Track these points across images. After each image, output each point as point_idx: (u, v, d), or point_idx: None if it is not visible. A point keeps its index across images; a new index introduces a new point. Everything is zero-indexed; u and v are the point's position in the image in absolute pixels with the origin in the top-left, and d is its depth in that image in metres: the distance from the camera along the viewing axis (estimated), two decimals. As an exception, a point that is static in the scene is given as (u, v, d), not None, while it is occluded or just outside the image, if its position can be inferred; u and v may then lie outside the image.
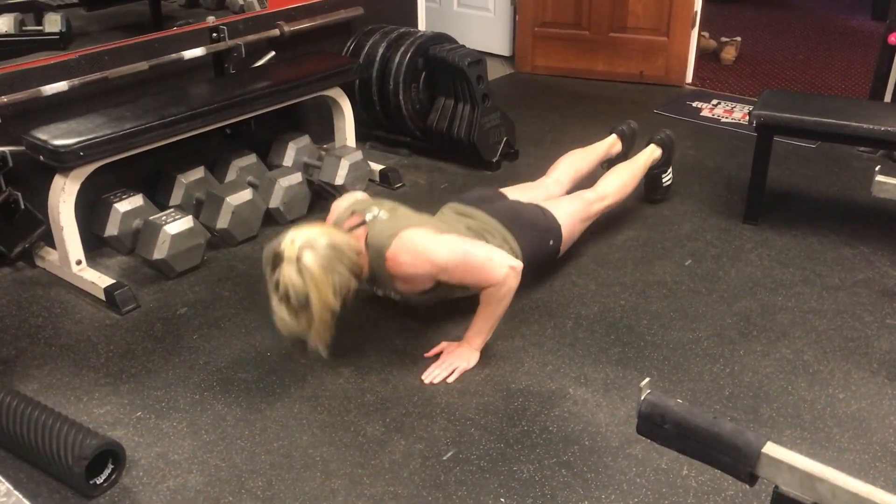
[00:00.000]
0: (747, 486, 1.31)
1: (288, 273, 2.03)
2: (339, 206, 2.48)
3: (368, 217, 2.29)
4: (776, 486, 1.22)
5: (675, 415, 1.29)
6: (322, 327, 2.10)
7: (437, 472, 1.95)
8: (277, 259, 2.06)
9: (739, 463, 1.23)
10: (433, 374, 2.28)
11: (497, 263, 2.22)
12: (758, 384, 2.25)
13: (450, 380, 2.27)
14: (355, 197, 2.61)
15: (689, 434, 1.28)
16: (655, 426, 1.32)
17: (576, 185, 2.98)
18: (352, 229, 2.27)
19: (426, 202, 3.30)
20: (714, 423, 1.26)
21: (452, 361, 2.31)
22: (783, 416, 2.13)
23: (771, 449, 1.22)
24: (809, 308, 2.59)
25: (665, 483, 1.92)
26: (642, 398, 1.33)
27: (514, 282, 2.24)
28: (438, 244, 2.22)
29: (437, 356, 2.35)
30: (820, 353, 2.37)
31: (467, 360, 2.32)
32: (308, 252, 2.03)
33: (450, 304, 2.51)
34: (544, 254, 2.63)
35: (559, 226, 2.65)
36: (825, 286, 2.70)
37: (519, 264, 2.27)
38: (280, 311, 2.08)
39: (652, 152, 3.11)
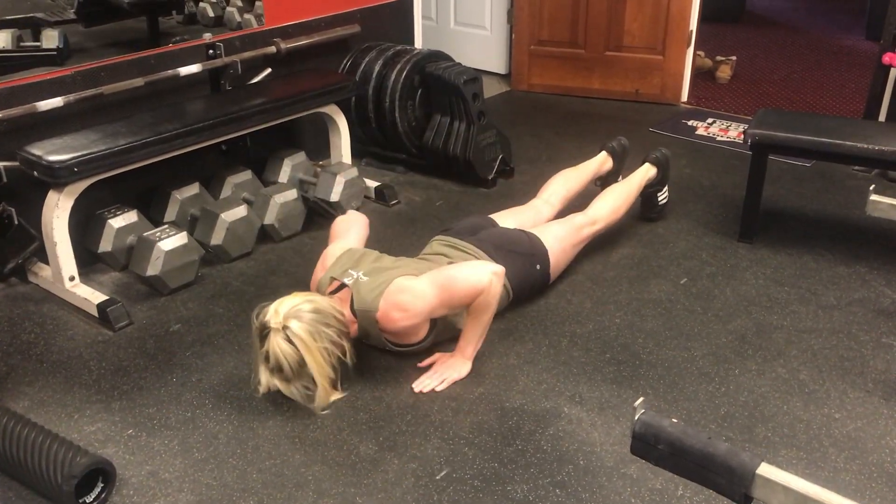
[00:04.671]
0: (742, 508, 1.29)
1: (276, 343, 2.06)
2: (332, 252, 2.47)
3: (349, 281, 2.31)
4: (771, 508, 1.21)
5: (669, 435, 1.29)
6: (325, 389, 2.15)
7: (430, 492, 1.94)
8: (264, 331, 2.09)
9: (734, 484, 1.23)
10: (424, 384, 2.29)
11: (479, 273, 2.23)
12: (753, 403, 2.24)
13: (439, 388, 2.27)
14: (349, 222, 2.61)
15: (684, 454, 1.27)
16: (650, 446, 1.31)
17: (567, 205, 2.98)
18: (333, 294, 2.31)
19: (421, 220, 3.30)
20: (708, 444, 1.25)
21: (443, 371, 2.32)
22: (779, 436, 2.12)
23: (766, 470, 1.21)
24: (805, 327, 2.58)
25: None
26: (636, 418, 1.32)
27: (498, 286, 2.25)
28: (421, 286, 2.23)
29: (430, 367, 2.36)
30: (815, 373, 2.37)
31: (458, 371, 2.32)
32: (294, 321, 2.07)
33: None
34: (532, 279, 2.63)
35: (545, 250, 2.65)
36: (820, 305, 2.70)
37: (500, 269, 2.28)
38: (274, 382, 2.14)
39: (647, 172, 3.11)
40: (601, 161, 3.19)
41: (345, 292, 2.31)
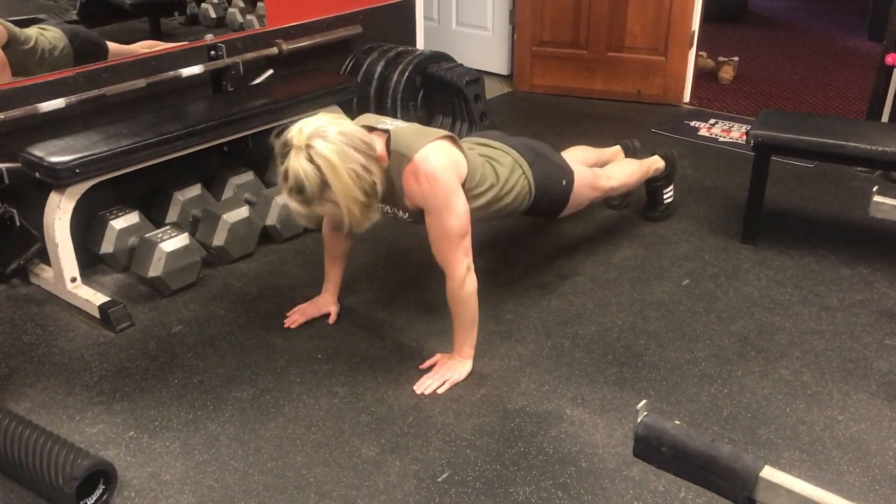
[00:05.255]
0: (745, 511, 1.29)
1: (297, 162, 1.94)
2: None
3: (384, 127, 2.18)
4: (774, 511, 1.21)
5: (671, 437, 1.28)
6: (354, 216, 2.03)
7: (432, 494, 1.93)
8: (286, 148, 1.98)
9: (737, 487, 1.22)
10: (425, 385, 2.29)
11: (462, 255, 2.18)
12: (756, 405, 2.23)
13: (440, 391, 2.27)
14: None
15: (686, 457, 1.26)
16: (652, 449, 1.30)
17: None
18: (370, 131, 2.16)
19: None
20: (711, 447, 1.25)
21: (444, 373, 2.31)
22: (782, 438, 2.11)
23: (769, 473, 1.20)
24: (808, 328, 2.58)
25: (662, 506, 1.90)
26: (639, 420, 1.31)
27: (470, 284, 2.22)
28: (450, 189, 2.13)
29: (431, 368, 2.35)
30: (818, 374, 2.36)
31: (459, 372, 2.32)
32: (319, 140, 1.95)
33: (444, 320, 2.50)
34: (555, 191, 2.60)
35: (572, 171, 2.63)
36: (823, 306, 2.69)
37: (472, 271, 2.21)
38: (292, 204, 2.02)
39: (656, 160, 3.13)
40: (615, 151, 3.20)
41: (381, 135, 2.16)
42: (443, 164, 2.15)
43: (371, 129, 2.18)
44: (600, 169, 2.89)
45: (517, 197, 2.47)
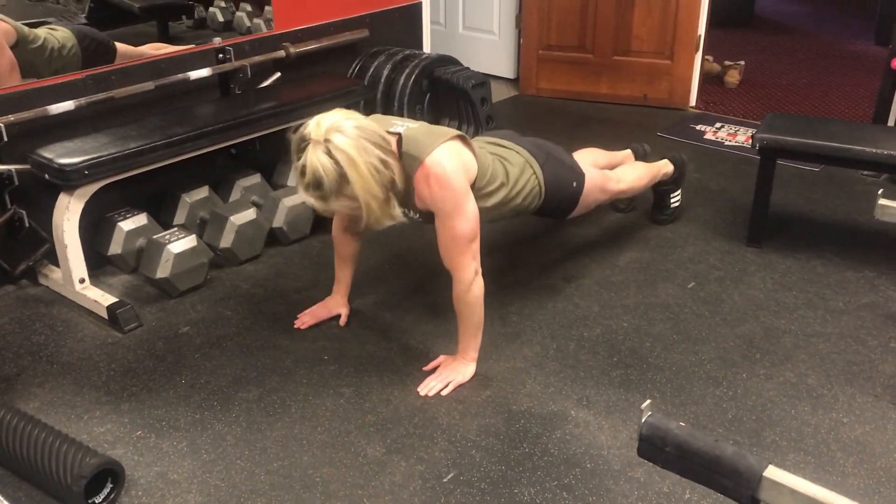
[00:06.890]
0: (749, 511, 1.29)
1: (315, 157, 1.93)
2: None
3: (399, 129, 2.16)
4: (778, 511, 1.21)
5: (675, 437, 1.28)
6: (372, 211, 2.02)
7: (437, 495, 1.94)
8: (303, 143, 1.98)
9: (741, 486, 1.22)
10: (429, 387, 2.29)
11: (469, 259, 2.18)
12: (761, 408, 2.23)
13: (444, 392, 2.28)
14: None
15: (690, 457, 1.27)
16: (656, 449, 1.31)
17: None
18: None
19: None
20: (715, 447, 1.25)
21: (448, 374, 2.32)
22: (786, 440, 2.11)
23: (773, 473, 1.21)
24: (813, 331, 2.58)
25: (667, 507, 1.90)
26: (643, 420, 1.32)
27: (477, 288, 2.22)
28: (460, 193, 2.12)
29: (435, 370, 2.36)
30: (823, 377, 2.36)
31: (462, 374, 2.33)
32: (337, 134, 1.94)
33: (451, 322, 2.51)
34: (565, 192, 2.60)
35: (583, 172, 2.64)
36: (829, 310, 2.69)
37: (479, 275, 2.22)
38: (310, 199, 2.03)
39: (665, 164, 3.13)
40: (626, 155, 3.22)
41: (394, 136, 2.13)
42: (453, 168, 2.14)
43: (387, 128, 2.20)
44: (610, 171, 2.90)
45: (527, 197, 2.48)
